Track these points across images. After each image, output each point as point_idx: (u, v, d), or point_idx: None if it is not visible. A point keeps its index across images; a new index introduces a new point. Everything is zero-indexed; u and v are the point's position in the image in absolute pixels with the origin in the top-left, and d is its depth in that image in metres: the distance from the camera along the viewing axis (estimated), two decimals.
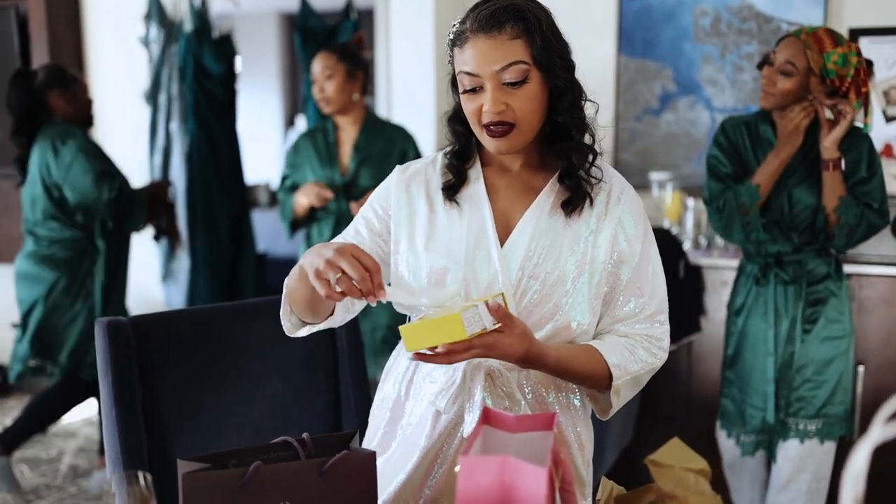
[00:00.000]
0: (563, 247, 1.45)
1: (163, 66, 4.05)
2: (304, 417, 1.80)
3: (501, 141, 1.41)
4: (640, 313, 1.48)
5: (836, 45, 2.31)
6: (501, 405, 1.45)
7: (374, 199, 1.56)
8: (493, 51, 1.36)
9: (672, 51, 3.59)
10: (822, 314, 2.47)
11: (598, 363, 1.43)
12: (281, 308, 1.51)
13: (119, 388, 1.59)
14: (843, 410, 2.50)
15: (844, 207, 2.34)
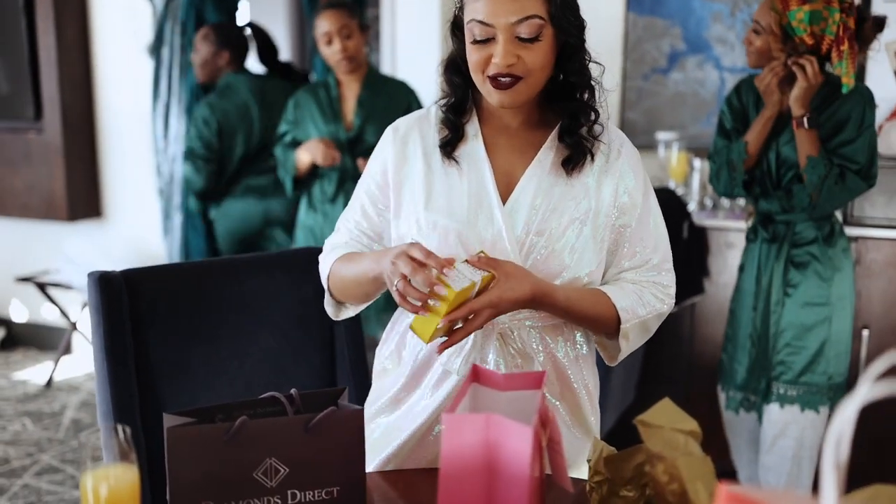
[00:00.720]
0: (565, 202, 1.44)
1: (166, 19, 4.00)
2: (299, 373, 1.80)
3: (506, 93, 1.39)
4: (645, 263, 1.50)
5: (804, 3, 2.29)
6: (514, 363, 1.45)
7: (372, 170, 1.55)
8: (510, 2, 1.33)
9: (681, 8, 3.52)
10: (804, 278, 2.46)
11: (607, 306, 1.44)
12: (325, 299, 1.59)
13: (110, 340, 1.59)
14: (825, 381, 2.48)
15: (811, 167, 2.33)
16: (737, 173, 2.49)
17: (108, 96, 4.35)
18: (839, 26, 2.28)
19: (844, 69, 2.28)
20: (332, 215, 3.14)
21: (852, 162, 2.34)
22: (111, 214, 4.45)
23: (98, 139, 4.41)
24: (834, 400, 2.53)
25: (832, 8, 2.29)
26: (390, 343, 1.60)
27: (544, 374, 1.17)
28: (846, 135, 2.34)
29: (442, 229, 1.43)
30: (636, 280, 1.49)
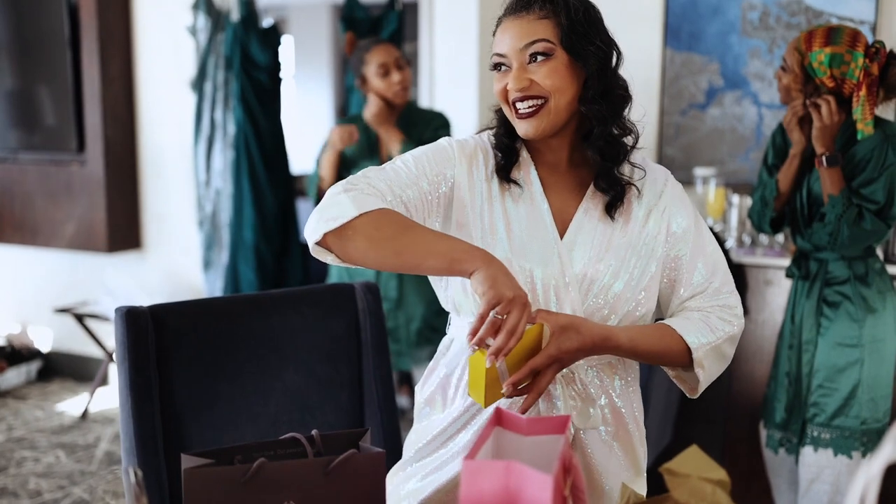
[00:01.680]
0: (619, 240, 1.45)
1: (209, 55, 4.07)
2: (326, 411, 1.78)
3: (528, 122, 1.41)
4: (706, 289, 1.48)
5: (827, 45, 2.29)
6: (575, 406, 1.43)
7: (431, 156, 1.46)
8: (518, 29, 1.39)
9: (719, 44, 3.49)
10: (836, 318, 2.42)
11: (673, 339, 1.41)
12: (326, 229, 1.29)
13: (135, 376, 1.58)
14: (858, 425, 2.41)
15: (830, 205, 2.33)
16: (767, 209, 2.52)
17: (150, 129, 4.43)
18: (861, 71, 2.27)
19: (860, 115, 2.26)
20: None
21: (871, 202, 2.31)
22: (150, 247, 4.51)
23: (139, 171, 4.48)
24: (868, 446, 2.44)
25: (856, 52, 2.28)
26: (432, 383, 1.56)
27: (568, 419, 1.14)
28: (867, 174, 2.32)
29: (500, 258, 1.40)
30: (700, 307, 1.47)
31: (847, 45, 2.29)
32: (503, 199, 1.46)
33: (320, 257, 1.36)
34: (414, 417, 1.62)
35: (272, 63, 4.05)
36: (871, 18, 3.22)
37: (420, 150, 1.49)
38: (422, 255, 1.28)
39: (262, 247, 4.07)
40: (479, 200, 1.46)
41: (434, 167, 1.45)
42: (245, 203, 4.06)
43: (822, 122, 2.31)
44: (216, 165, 4.12)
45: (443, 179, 1.45)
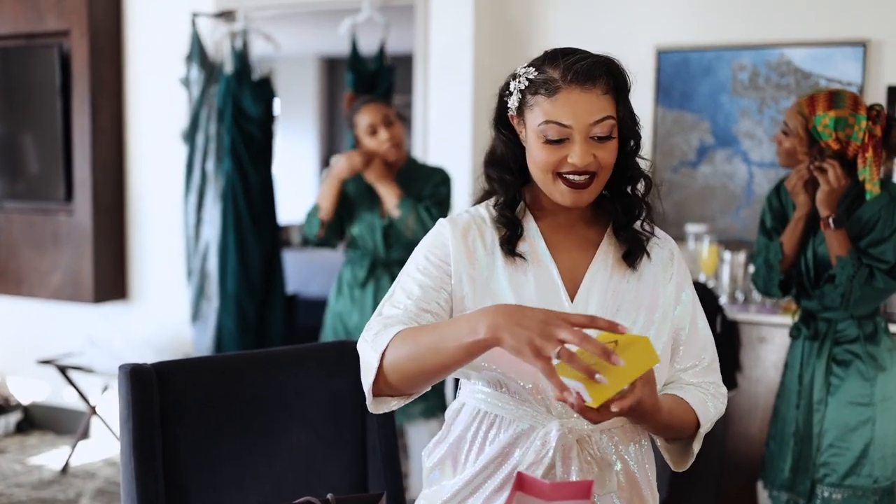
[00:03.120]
0: (631, 300, 1.45)
1: (202, 106, 4.08)
2: (330, 471, 1.75)
3: (581, 193, 1.40)
4: (697, 365, 1.50)
5: (830, 109, 2.35)
6: (590, 471, 1.39)
7: (431, 258, 1.46)
8: (589, 104, 1.35)
9: (710, 103, 3.55)
10: (847, 377, 2.43)
11: (689, 413, 1.43)
12: (366, 388, 1.35)
13: (139, 436, 1.55)
14: (871, 483, 2.41)
15: (840, 267, 2.36)
16: (773, 273, 2.53)
17: (139, 179, 4.41)
18: (865, 133, 2.32)
19: (868, 176, 2.31)
20: (361, 301, 3.13)
21: (882, 262, 2.34)
22: (137, 297, 4.46)
23: (127, 222, 4.46)
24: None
25: (859, 115, 2.33)
26: (442, 447, 1.52)
27: (591, 484, 1.13)
28: (875, 234, 2.36)
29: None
30: (696, 383, 1.49)
31: (850, 108, 2.34)
32: (507, 270, 1.44)
33: (386, 408, 1.38)
34: (423, 482, 1.58)
35: (264, 116, 4.07)
36: (858, 80, 3.29)
37: (419, 262, 1.45)
38: (439, 357, 1.26)
39: (244, 298, 4.04)
40: (484, 274, 1.44)
41: (436, 263, 1.44)
42: (230, 254, 4.04)
43: (829, 185, 2.34)
44: (207, 217, 4.11)
45: (444, 270, 1.44)
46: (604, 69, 1.36)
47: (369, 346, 1.34)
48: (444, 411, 3.19)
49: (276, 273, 4.20)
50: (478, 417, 1.45)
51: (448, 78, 3.70)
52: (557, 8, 3.80)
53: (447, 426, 1.53)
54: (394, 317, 1.39)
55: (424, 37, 3.74)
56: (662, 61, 3.59)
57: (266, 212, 4.15)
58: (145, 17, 4.32)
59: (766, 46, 3.45)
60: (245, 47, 4.02)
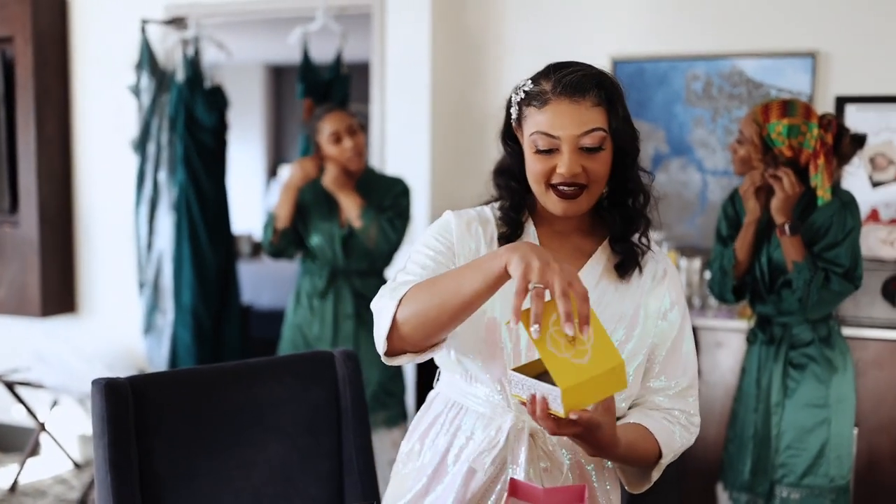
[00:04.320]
0: (616, 309, 1.46)
1: (153, 115, 4.01)
2: (307, 483, 1.73)
3: (571, 203, 1.41)
4: (673, 387, 1.49)
5: (784, 117, 2.41)
6: (540, 466, 1.43)
7: (436, 233, 1.52)
8: (576, 115, 1.37)
9: (664, 113, 3.62)
10: (803, 380, 2.49)
11: (652, 444, 1.43)
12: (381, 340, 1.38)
13: (115, 451, 1.52)
14: (827, 483, 2.48)
15: (797, 272, 2.41)
16: (727, 279, 2.58)
17: (87, 190, 4.31)
18: (817, 141, 2.39)
19: (820, 182, 2.37)
20: (321, 311, 3.10)
21: (837, 265, 2.40)
22: (86, 311, 4.36)
23: (75, 234, 4.35)
24: (836, 502, 2.51)
25: (811, 123, 2.40)
26: (413, 438, 1.59)
27: (584, 489, 1.14)
28: (829, 239, 2.42)
29: (492, 322, 1.44)
30: (667, 407, 1.49)
31: (803, 116, 2.41)
32: None
33: (397, 362, 1.42)
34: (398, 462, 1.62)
35: (217, 124, 4.01)
36: (807, 90, 3.39)
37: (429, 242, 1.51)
38: (460, 292, 1.29)
39: (200, 309, 3.98)
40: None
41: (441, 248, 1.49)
42: (185, 265, 3.97)
43: (784, 193, 2.40)
44: (160, 228, 4.03)
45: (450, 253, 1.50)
46: (594, 82, 1.38)
47: (386, 298, 1.38)
48: (406, 420, 3.18)
49: (232, 284, 4.15)
50: (448, 406, 1.53)
51: (405, 87, 3.70)
52: (514, 18, 3.83)
53: (424, 408, 1.60)
54: (409, 282, 1.41)
55: (381, 45, 3.73)
56: (618, 71, 3.65)
57: (221, 222, 4.09)
58: (92, 24, 4.22)
59: (719, 57, 3.53)
60: (197, 55, 3.97)
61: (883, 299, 3.00)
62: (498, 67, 3.86)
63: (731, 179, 3.48)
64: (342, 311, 3.10)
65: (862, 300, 3.00)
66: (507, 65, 3.84)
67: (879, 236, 3.08)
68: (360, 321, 3.08)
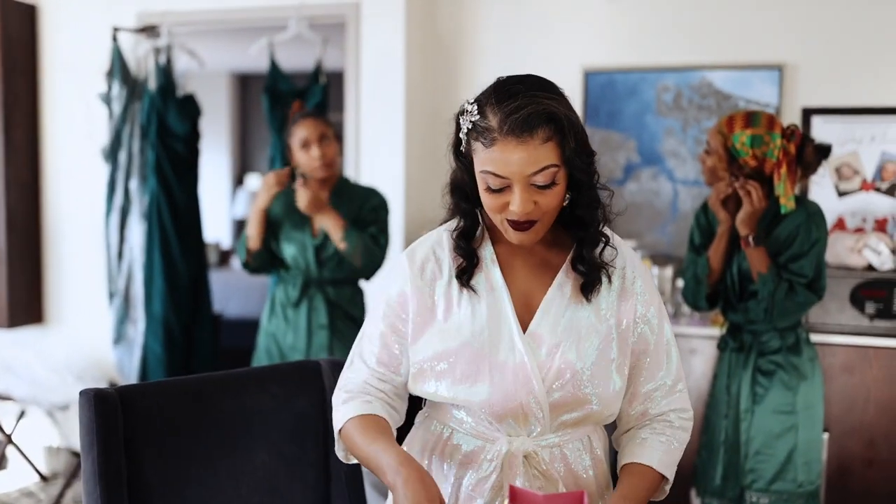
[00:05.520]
0: (586, 328, 1.44)
1: (124, 123, 3.97)
2: (294, 492, 1.73)
3: (526, 234, 1.39)
4: (661, 387, 1.50)
5: (747, 127, 2.46)
6: (537, 486, 1.44)
7: (390, 299, 1.49)
8: (525, 155, 1.31)
9: (636, 123, 3.67)
10: (771, 387, 2.54)
11: (653, 479, 1.45)
12: (335, 444, 1.52)
13: (104, 462, 1.51)
14: (795, 488, 2.53)
15: (762, 283, 2.46)
16: (701, 287, 2.63)
17: (55, 199, 4.26)
18: (780, 151, 2.44)
19: (782, 191, 2.42)
20: (295, 321, 3.09)
21: (801, 276, 2.45)
22: (54, 321, 4.30)
23: (43, 243, 4.29)
24: None
25: (774, 133, 2.45)
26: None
27: (583, 494, 1.16)
28: (794, 250, 2.47)
29: (466, 357, 1.42)
30: (658, 414, 1.50)
31: (766, 127, 2.46)
32: (462, 300, 1.45)
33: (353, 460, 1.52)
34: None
35: (190, 133, 3.99)
36: (774, 101, 3.46)
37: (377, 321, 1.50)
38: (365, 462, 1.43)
39: (171, 319, 3.94)
40: (440, 306, 1.46)
41: (394, 308, 1.49)
42: (156, 275, 3.94)
43: (752, 206, 2.45)
44: (131, 238, 3.99)
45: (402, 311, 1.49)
46: (543, 117, 1.31)
47: (335, 416, 1.50)
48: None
49: (203, 293, 4.12)
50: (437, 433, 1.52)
51: (379, 95, 3.71)
52: (487, 29, 3.87)
53: (414, 430, 1.58)
54: (358, 376, 1.51)
55: (355, 54, 3.74)
56: (590, 82, 3.70)
57: (192, 231, 4.06)
58: (62, 31, 4.18)
59: (689, 69, 3.59)
60: (169, 63, 3.95)
61: (851, 306, 3.07)
62: (472, 76, 3.89)
63: (702, 189, 3.54)
64: (315, 320, 3.09)
65: (831, 307, 3.07)
66: (481, 74, 3.87)
67: (847, 244, 3.16)
68: (335, 330, 3.07)
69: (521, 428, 1.43)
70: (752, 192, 2.44)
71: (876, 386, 3.04)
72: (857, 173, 3.43)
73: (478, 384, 1.41)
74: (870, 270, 3.09)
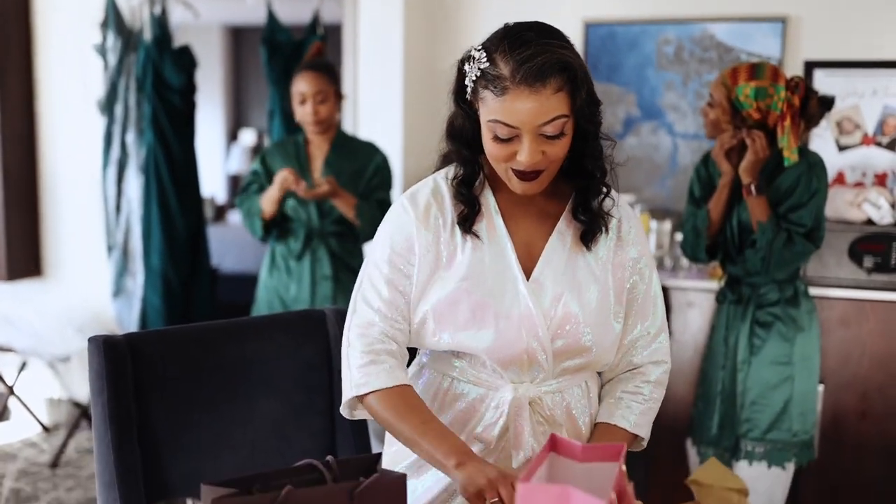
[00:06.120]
0: (587, 276, 1.46)
1: (120, 75, 3.93)
2: (301, 438, 1.75)
3: (532, 184, 1.39)
4: (646, 335, 1.53)
5: (751, 79, 2.45)
6: (541, 430, 1.46)
7: (395, 244, 1.47)
8: (537, 105, 1.31)
9: (636, 77, 3.65)
10: (768, 338, 2.56)
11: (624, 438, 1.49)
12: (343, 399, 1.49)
13: (114, 407, 1.52)
14: (790, 437, 2.57)
15: (761, 232, 2.47)
16: (700, 239, 2.63)
17: (52, 151, 4.23)
18: (784, 103, 2.43)
19: (786, 144, 2.42)
20: (298, 273, 3.10)
21: (799, 225, 2.47)
22: (52, 274, 4.29)
23: (40, 196, 4.27)
24: (799, 456, 2.60)
25: (778, 86, 2.44)
26: None
27: (623, 447, 1.16)
28: (794, 200, 2.48)
29: (471, 304, 1.42)
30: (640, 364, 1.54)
31: (770, 79, 2.45)
32: (465, 245, 1.45)
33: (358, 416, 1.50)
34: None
35: (186, 86, 3.95)
36: (777, 55, 3.44)
37: (385, 253, 1.47)
38: (410, 446, 1.42)
39: (169, 273, 3.95)
40: (444, 253, 1.45)
41: (400, 252, 1.46)
42: (154, 228, 3.93)
43: (755, 155, 2.45)
44: (129, 191, 3.97)
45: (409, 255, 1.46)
46: (557, 67, 1.30)
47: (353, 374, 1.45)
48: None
49: (202, 247, 4.12)
50: (436, 383, 1.52)
51: (378, 49, 3.68)
52: None
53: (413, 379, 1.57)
54: (370, 326, 1.46)
55: (354, 8, 3.70)
56: (590, 34, 3.67)
57: (190, 184, 4.05)
58: None
59: (690, 21, 3.56)
60: (164, 14, 3.90)
61: (849, 260, 3.08)
62: (471, 28, 3.85)
63: (702, 143, 3.53)
64: (319, 271, 3.09)
65: (829, 261, 3.09)
66: (480, 25, 3.83)
67: (846, 198, 3.16)
68: (338, 282, 3.09)
69: (524, 374, 1.45)
70: (755, 141, 2.45)
71: (871, 339, 3.07)
72: (858, 127, 3.42)
73: (482, 331, 1.42)
74: (869, 225, 3.10)
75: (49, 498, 3.42)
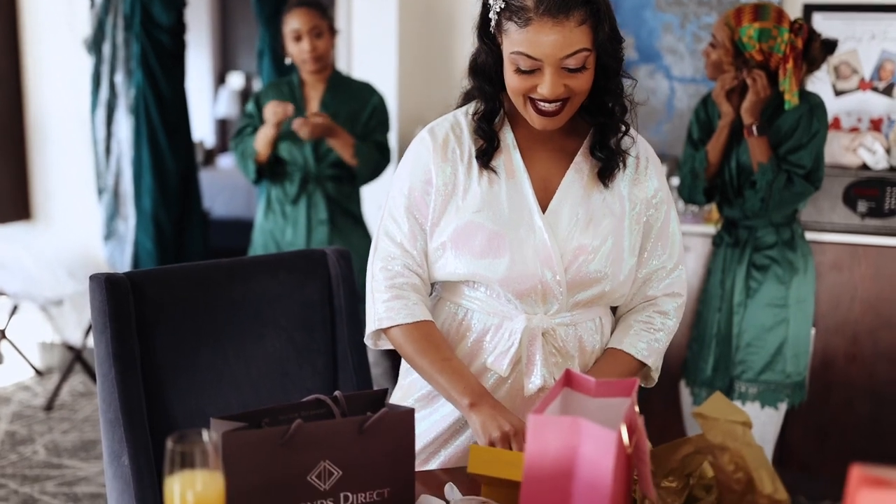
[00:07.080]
0: (602, 211, 1.47)
1: (107, 13, 3.85)
2: (304, 377, 1.76)
3: (552, 119, 1.41)
4: (662, 269, 1.55)
5: (755, 21, 2.43)
6: (553, 362, 1.48)
7: (415, 175, 1.50)
8: (560, 37, 1.32)
9: (633, 18, 3.60)
10: (765, 280, 2.58)
11: (629, 364, 1.52)
12: (369, 334, 1.56)
13: (118, 345, 1.52)
14: (783, 378, 2.60)
15: (761, 173, 2.48)
16: (699, 181, 2.63)
17: (38, 92, 4.16)
18: (787, 45, 2.41)
19: (788, 86, 2.42)
20: (294, 217, 3.07)
21: (799, 167, 2.47)
22: (41, 217, 4.26)
23: (27, 138, 4.21)
24: (792, 397, 2.64)
25: (781, 28, 2.42)
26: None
27: (635, 382, 1.17)
28: (794, 141, 2.48)
29: (487, 234, 1.44)
30: (655, 296, 1.55)
31: (774, 21, 2.43)
32: (483, 179, 1.47)
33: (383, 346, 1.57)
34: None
35: (175, 24, 3.88)
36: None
37: (404, 185, 1.50)
38: (428, 380, 1.48)
39: (161, 216, 3.92)
40: (461, 185, 1.48)
41: (420, 184, 1.49)
42: (144, 171, 3.89)
43: (757, 95, 2.44)
44: (119, 133, 3.92)
45: (428, 187, 1.49)
46: (580, 0, 1.31)
47: (377, 308, 1.50)
48: None
49: (193, 190, 4.08)
50: (451, 314, 1.54)
51: None
52: None
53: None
54: (392, 260, 1.50)
55: None
56: None
57: (180, 126, 4.00)
58: None
59: None
60: None
61: (843, 205, 3.09)
62: None
63: (699, 87, 3.51)
64: (315, 216, 3.07)
65: (823, 205, 3.09)
66: None
67: (842, 143, 3.16)
68: (334, 226, 3.07)
69: (539, 305, 1.46)
70: (757, 81, 2.44)
71: (863, 284, 3.09)
72: (856, 72, 3.40)
73: (497, 260, 1.44)
74: (864, 170, 3.10)
75: (45, 440, 3.43)
